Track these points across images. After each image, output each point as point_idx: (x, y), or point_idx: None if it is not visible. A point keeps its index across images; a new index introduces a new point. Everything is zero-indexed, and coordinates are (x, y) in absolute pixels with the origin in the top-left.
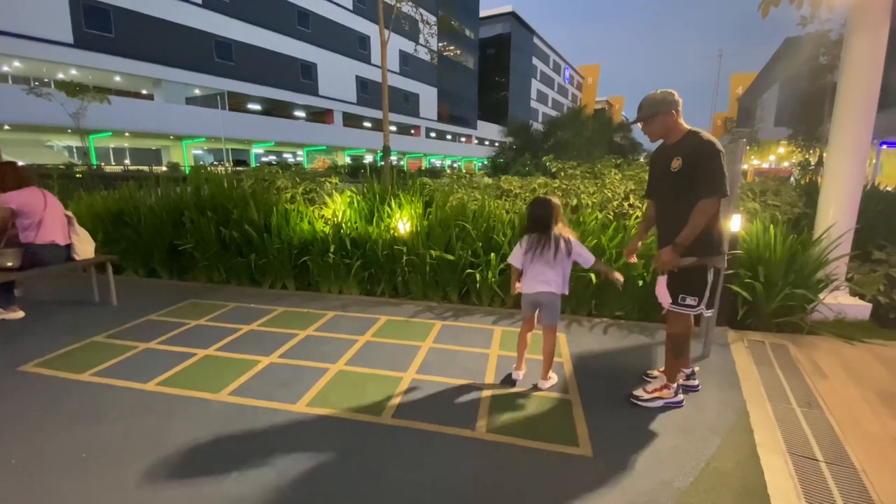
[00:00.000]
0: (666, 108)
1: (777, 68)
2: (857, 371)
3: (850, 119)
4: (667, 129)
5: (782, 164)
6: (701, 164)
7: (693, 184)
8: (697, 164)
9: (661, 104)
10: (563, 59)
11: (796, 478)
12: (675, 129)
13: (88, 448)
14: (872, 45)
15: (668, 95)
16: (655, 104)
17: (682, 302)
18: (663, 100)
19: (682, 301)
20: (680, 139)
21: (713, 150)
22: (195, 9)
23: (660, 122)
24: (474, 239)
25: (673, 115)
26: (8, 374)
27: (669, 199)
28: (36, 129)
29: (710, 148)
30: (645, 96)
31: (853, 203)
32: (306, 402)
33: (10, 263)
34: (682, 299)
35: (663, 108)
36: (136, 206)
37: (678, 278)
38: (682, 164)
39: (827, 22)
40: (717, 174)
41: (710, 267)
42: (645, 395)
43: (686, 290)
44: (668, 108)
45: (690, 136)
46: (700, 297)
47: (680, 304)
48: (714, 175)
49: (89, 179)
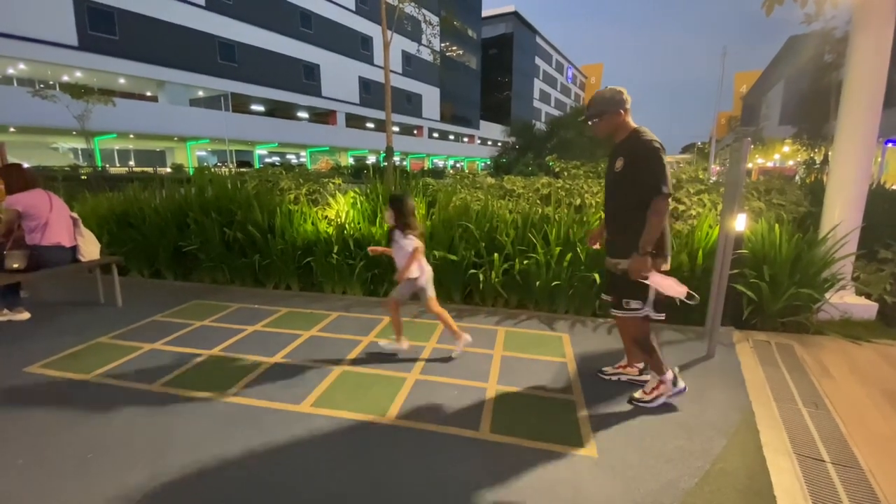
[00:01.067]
0: (614, 107)
1: (781, 66)
2: (863, 371)
3: (856, 117)
4: (614, 128)
5: (787, 163)
6: (641, 164)
7: (633, 184)
8: (638, 164)
9: (609, 103)
10: (565, 58)
11: (802, 479)
12: (622, 129)
13: (94, 448)
14: (878, 42)
15: (616, 94)
16: (603, 103)
17: (626, 306)
18: (611, 98)
19: (626, 305)
20: (624, 139)
21: (652, 149)
22: (198, 11)
23: (607, 121)
24: (477, 239)
25: (621, 115)
26: (14, 374)
27: (612, 197)
28: (41, 131)
29: (649, 147)
30: (595, 93)
31: (859, 202)
32: (311, 403)
33: (16, 265)
34: (626, 303)
35: (611, 108)
36: (140, 207)
37: (621, 283)
38: (624, 164)
39: (831, 19)
40: (659, 172)
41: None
42: (645, 398)
43: (629, 294)
44: (616, 107)
45: (632, 136)
46: (644, 300)
47: (625, 309)
48: (658, 174)
49: (94, 181)
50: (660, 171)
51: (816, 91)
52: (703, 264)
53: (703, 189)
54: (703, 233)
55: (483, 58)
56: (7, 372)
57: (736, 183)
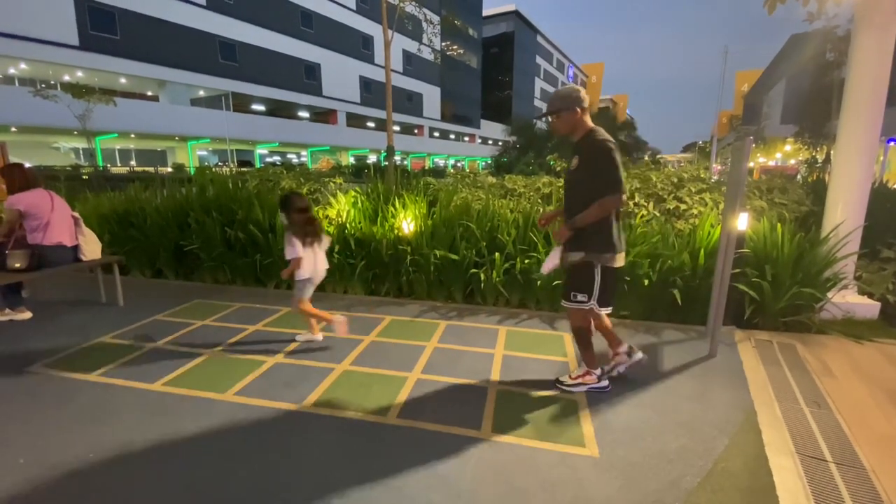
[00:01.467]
0: (570, 105)
1: (783, 65)
2: (866, 370)
3: (858, 116)
4: (571, 126)
5: (789, 162)
6: (595, 164)
7: (587, 182)
8: (592, 164)
9: (566, 101)
10: (566, 57)
11: (805, 478)
12: (579, 127)
13: (96, 447)
14: (880, 40)
15: (573, 93)
16: (560, 100)
17: (573, 298)
18: (568, 96)
19: (573, 298)
20: (581, 138)
21: (605, 149)
22: (199, 10)
23: (564, 118)
24: (479, 239)
25: (577, 113)
26: (16, 374)
27: (568, 194)
28: (42, 130)
29: (603, 147)
30: (555, 91)
31: (861, 201)
32: (312, 403)
33: (17, 264)
34: (573, 296)
35: (567, 106)
36: (141, 207)
37: (570, 276)
38: (578, 163)
39: (833, 18)
40: (613, 172)
41: (597, 265)
42: (569, 381)
43: (576, 287)
44: (573, 104)
45: (588, 135)
46: (589, 294)
47: (572, 301)
48: (611, 173)
49: (95, 181)
50: (612, 170)
51: (818, 90)
52: (705, 264)
53: (705, 188)
54: (705, 232)
55: (484, 57)
56: (9, 371)
57: (738, 182)
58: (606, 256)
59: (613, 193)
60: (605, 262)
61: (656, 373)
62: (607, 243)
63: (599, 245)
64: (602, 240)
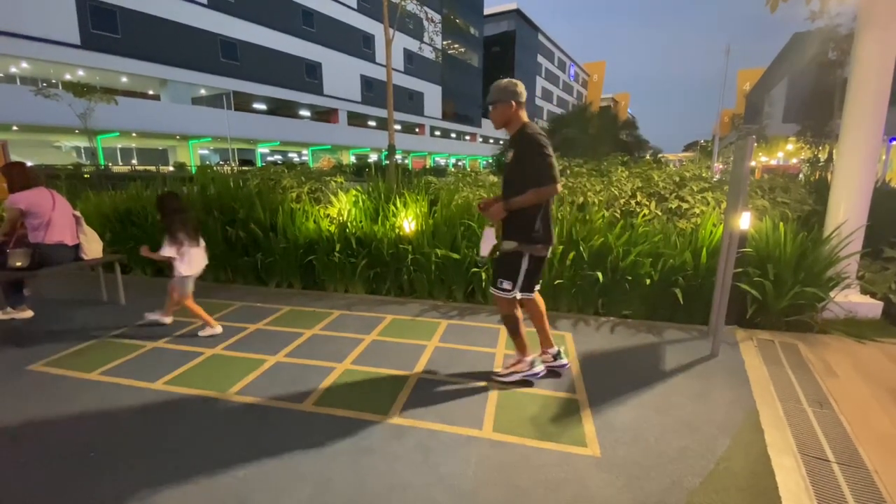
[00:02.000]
0: (505, 97)
1: (785, 64)
2: (868, 370)
3: (861, 115)
4: (506, 118)
5: (791, 161)
6: (527, 158)
7: (520, 175)
8: (524, 158)
9: (503, 93)
10: (567, 56)
11: (807, 479)
12: (514, 121)
13: (97, 447)
14: (883, 39)
15: (510, 86)
16: (498, 91)
17: (499, 285)
18: (504, 89)
19: (499, 284)
20: (516, 132)
21: (536, 144)
22: (200, 9)
23: (500, 110)
24: (480, 238)
25: (512, 106)
26: (17, 373)
27: (504, 186)
28: (44, 129)
29: (533, 142)
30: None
31: (864, 200)
32: (313, 402)
33: (19, 263)
34: (499, 283)
35: (503, 98)
36: (143, 205)
37: (498, 264)
38: (512, 157)
39: (836, 16)
40: (544, 166)
41: (525, 254)
42: (503, 372)
43: (502, 274)
44: (508, 98)
45: (521, 130)
46: (514, 282)
47: (498, 288)
48: (542, 168)
49: (97, 179)
50: (543, 164)
51: (821, 89)
52: (707, 263)
53: (707, 187)
54: (707, 231)
55: (485, 55)
56: (10, 370)
57: (740, 181)
58: (538, 247)
59: (548, 183)
60: (535, 252)
61: (658, 372)
62: (539, 234)
63: (529, 236)
64: (534, 230)
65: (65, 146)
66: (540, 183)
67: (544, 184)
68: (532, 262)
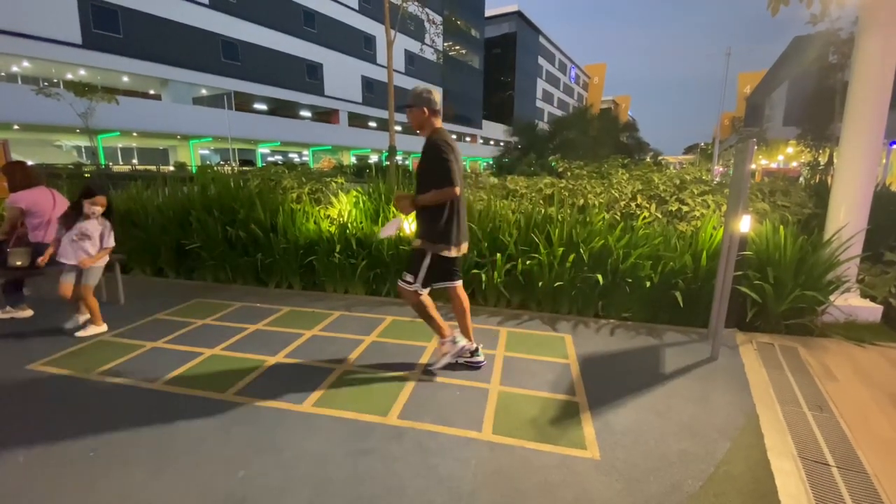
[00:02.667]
0: (420, 103)
1: (786, 67)
2: (868, 374)
3: (862, 119)
4: (419, 122)
5: (791, 164)
6: (431, 163)
7: (427, 178)
8: (429, 162)
9: (417, 99)
10: (568, 58)
11: (807, 482)
12: (426, 126)
13: (96, 446)
14: (884, 43)
15: (424, 93)
16: (413, 97)
17: (404, 278)
18: (419, 95)
19: (404, 277)
20: (427, 136)
21: (439, 148)
22: (202, 9)
23: (413, 113)
24: (480, 239)
25: (424, 112)
26: (17, 372)
27: (416, 188)
28: (45, 128)
29: (437, 148)
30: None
31: (864, 204)
32: (312, 402)
33: (19, 262)
34: (404, 276)
35: (417, 103)
36: (143, 205)
37: (410, 258)
38: (420, 161)
39: (837, 20)
40: (444, 170)
41: (428, 252)
42: (433, 360)
43: (407, 268)
44: (422, 104)
45: (431, 136)
46: (415, 277)
47: (403, 280)
48: (442, 171)
49: (98, 179)
50: (443, 168)
51: (821, 92)
52: (707, 266)
53: (707, 190)
54: (707, 234)
55: (486, 57)
56: (9, 369)
57: (740, 184)
58: (440, 246)
59: (446, 186)
60: (437, 251)
61: (658, 375)
62: (443, 235)
63: (434, 237)
64: (437, 232)
65: (65, 145)
66: (440, 185)
67: (443, 186)
68: (435, 261)
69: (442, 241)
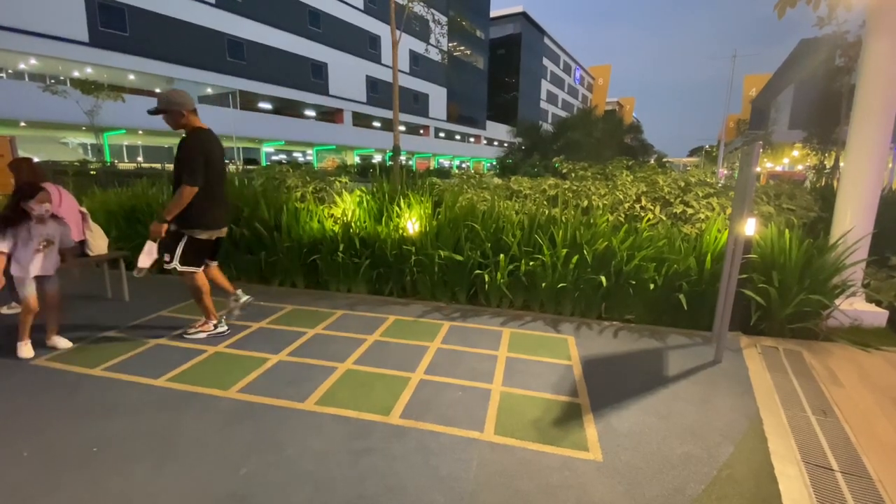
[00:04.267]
0: (175, 107)
1: (792, 70)
2: (873, 378)
3: (869, 122)
4: (178, 125)
5: (796, 168)
6: (180, 160)
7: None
8: (179, 158)
9: (170, 103)
10: (573, 59)
11: (811, 487)
12: (187, 127)
13: (99, 442)
14: (892, 46)
15: (178, 97)
16: (166, 101)
17: (165, 259)
18: (173, 100)
19: (165, 259)
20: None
21: (187, 148)
22: (208, 8)
23: (170, 117)
24: (483, 240)
25: (184, 115)
26: (21, 367)
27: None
28: (51, 126)
29: (186, 147)
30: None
31: (871, 207)
32: (314, 401)
33: None
34: (165, 257)
35: (171, 107)
36: (148, 203)
37: (163, 242)
38: (175, 157)
39: (844, 23)
40: (189, 167)
41: (184, 235)
42: (191, 331)
43: (165, 250)
44: (178, 107)
45: (187, 135)
46: (172, 256)
47: (165, 262)
48: (186, 168)
49: (103, 176)
50: (187, 167)
51: (827, 95)
52: (712, 268)
53: (712, 192)
54: (712, 237)
55: (490, 58)
56: (13, 364)
57: (745, 186)
58: (194, 230)
59: (188, 184)
60: (192, 234)
61: (661, 377)
62: (193, 220)
63: (187, 221)
64: (190, 217)
65: (71, 143)
66: (188, 183)
67: (190, 184)
68: (192, 242)
69: (197, 225)
